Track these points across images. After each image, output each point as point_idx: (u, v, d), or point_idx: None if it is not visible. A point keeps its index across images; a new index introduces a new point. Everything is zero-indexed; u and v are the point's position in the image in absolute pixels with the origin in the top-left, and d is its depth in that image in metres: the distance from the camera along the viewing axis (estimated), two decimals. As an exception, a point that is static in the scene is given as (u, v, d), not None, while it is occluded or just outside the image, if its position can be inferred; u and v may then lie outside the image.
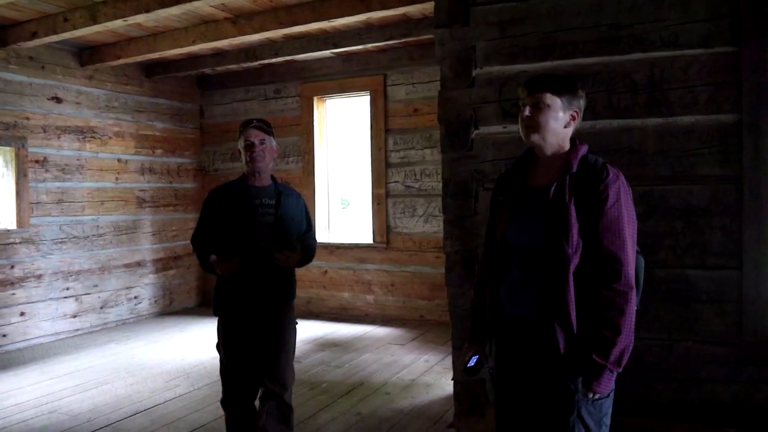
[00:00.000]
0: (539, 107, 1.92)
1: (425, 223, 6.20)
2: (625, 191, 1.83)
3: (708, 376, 2.80)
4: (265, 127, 2.81)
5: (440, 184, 6.02)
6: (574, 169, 1.89)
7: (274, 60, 6.01)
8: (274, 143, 2.85)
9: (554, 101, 1.90)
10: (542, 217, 1.90)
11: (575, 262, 1.81)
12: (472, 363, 2.01)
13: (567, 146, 1.95)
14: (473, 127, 3.20)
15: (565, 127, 1.92)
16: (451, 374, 4.34)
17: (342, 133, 7.47)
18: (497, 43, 3.14)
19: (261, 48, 5.80)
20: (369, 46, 5.61)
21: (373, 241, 6.47)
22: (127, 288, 6.36)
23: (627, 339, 1.77)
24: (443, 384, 4.15)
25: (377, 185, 6.41)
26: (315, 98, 6.69)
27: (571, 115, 1.92)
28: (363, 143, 6.83)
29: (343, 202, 9.64)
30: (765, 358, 2.71)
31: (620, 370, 1.79)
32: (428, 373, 4.43)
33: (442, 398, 3.88)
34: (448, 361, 4.67)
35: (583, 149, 1.93)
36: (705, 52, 2.78)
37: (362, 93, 6.50)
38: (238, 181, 2.85)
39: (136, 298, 6.45)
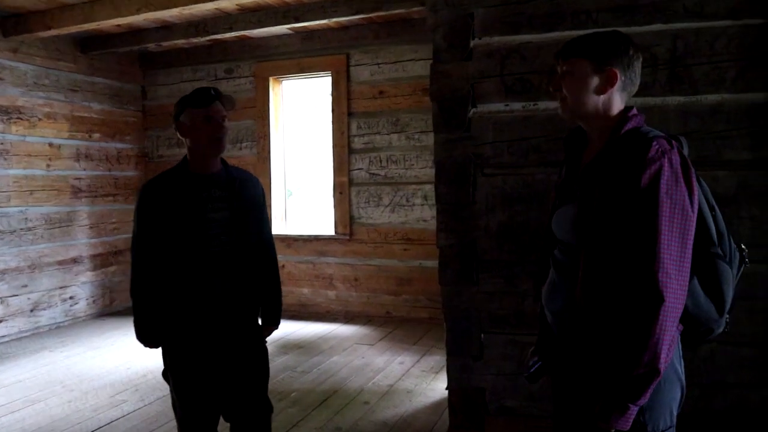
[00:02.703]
0: (564, 77, 1.59)
1: (391, 213, 5.83)
2: (669, 172, 1.39)
3: (735, 380, 2.56)
4: (228, 104, 2.29)
5: (407, 171, 5.78)
6: (602, 145, 1.55)
7: (226, 35, 5.46)
8: None
9: (578, 65, 1.55)
10: (575, 203, 1.57)
11: (597, 261, 1.46)
12: (532, 369, 1.78)
13: (613, 116, 1.56)
14: (471, 104, 2.85)
15: (599, 93, 1.54)
16: (433, 377, 4.03)
17: (298, 116, 6.99)
18: (498, 11, 2.79)
19: (213, 21, 5.25)
20: (332, 21, 5.18)
21: (335, 232, 6.05)
22: (62, 287, 5.70)
23: (649, 364, 1.35)
24: (425, 390, 3.80)
25: (339, 173, 5.98)
26: (271, 79, 6.19)
27: (606, 77, 1.53)
28: (322, 128, 6.39)
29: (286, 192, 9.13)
30: (797, 360, 2.49)
31: (636, 402, 1.38)
32: (406, 377, 4.07)
33: (427, 406, 3.53)
34: (425, 363, 4.35)
35: (635, 121, 1.54)
36: (733, 23, 2.52)
37: (323, 74, 6.04)
38: (177, 169, 2.24)
39: (71, 298, 5.80)
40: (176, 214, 2.17)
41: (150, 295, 2.23)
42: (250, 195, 2.32)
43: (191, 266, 2.18)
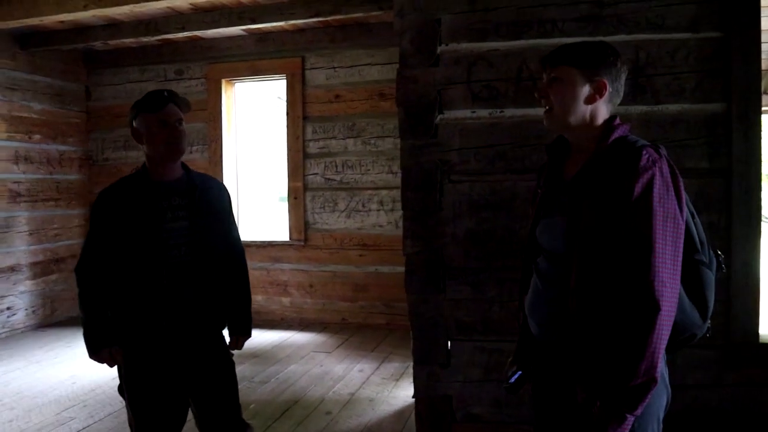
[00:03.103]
0: (551, 84, 1.58)
1: (347, 218, 5.77)
2: (661, 181, 1.41)
3: (694, 381, 2.63)
4: (183, 105, 2.21)
5: (363, 177, 5.74)
6: (590, 154, 1.55)
7: (177, 35, 5.29)
8: None
9: (567, 73, 1.55)
10: (564, 214, 1.57)
11: (590, 271, 1.46)
12: (513, 380, 1.75)
13: (598, 126, 1.57)
14: (438, 110, 2.84)
15: (588, 102, 1.55)
16: (394, 384, 4.00)
17: (250, 119, 6.83)
18: (466, 17, 2.79)
19: (164, 20, 5.08)
20: (288, 23, 5.10)
21: (290, 238, 5.95)
22: (-2, 298, 5.39)
23: (646, 374, 1.35)
24: (387, 398, 3.76)
25: (294, 178, 5.88)
26: (223, 81, 6.03)
27: (596, 87, 1.54)
28: (275, 132, 6.28)
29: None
30: (753, 359, 2.58)
31: (634, 412, 1.37)
32: (367, 385, 4.02)
33: (390, 414, 3.49)
34: (385, 370, 4.32)
35: (621, 130, 1.56)
36: (692, 36, 2.60)
37: (277, 76, 5.94)
38: (136, 176, 2.15)
39: (9, 309, 5.47)
40: (133, 223, 2.07)
41: (100, 305, 2.12)
42: (213, 202, 2.24)
43: (150, 278, 2.09)
